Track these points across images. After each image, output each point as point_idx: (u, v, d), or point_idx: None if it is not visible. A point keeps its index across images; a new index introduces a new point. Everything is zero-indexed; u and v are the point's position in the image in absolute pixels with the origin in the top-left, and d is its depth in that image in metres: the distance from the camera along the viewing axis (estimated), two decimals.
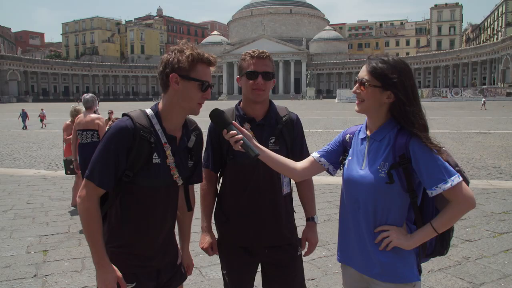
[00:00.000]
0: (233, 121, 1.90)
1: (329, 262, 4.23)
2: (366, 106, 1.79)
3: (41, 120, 25.53)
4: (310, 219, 2.33)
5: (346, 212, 1.90)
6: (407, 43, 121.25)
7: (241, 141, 1.83)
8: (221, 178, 2.31)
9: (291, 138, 2.24)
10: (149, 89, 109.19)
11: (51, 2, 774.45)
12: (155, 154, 1.82)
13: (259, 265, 2.32)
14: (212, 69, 1.88)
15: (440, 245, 1.81)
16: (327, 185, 7.71)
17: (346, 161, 1.91)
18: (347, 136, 1.97)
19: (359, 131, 1.92)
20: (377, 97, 1.75)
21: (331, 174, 2.02)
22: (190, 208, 2.09)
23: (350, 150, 1.92)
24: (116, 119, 5.75)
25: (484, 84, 77.65)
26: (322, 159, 1.99)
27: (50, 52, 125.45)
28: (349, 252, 1.90)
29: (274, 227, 2.20)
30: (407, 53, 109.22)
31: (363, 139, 1.86)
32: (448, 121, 25.59)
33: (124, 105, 55.21)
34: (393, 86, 1.71)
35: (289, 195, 2.31)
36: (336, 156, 1.99)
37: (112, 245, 1.85)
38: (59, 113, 39.71)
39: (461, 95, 63.95)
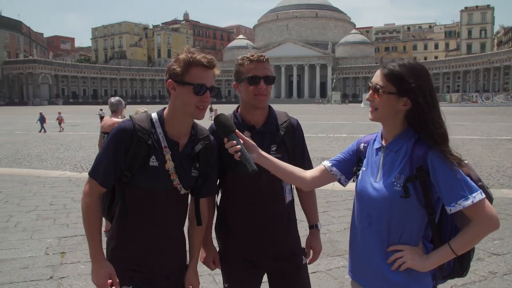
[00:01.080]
0: (236, 130, 1.82)
1: (347, 273, 4.07)
2: (381, 115, 1.67)
3: (59, 123, 26.02)
4: (314, 226, 2.26)
5: (356, 227, 1.78)
6: (436, 46, 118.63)
7: (239, 152, 1.74)
8: (219, 189, 2.21)
9: (292, 144, 2.16)
10: None
11: (81, 8, 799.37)
12: (153, 157, 1.83)
13: (264, 276, 2.24)
14: (216, 71, 1.84)
15: (459, 266, 1.67)
16: (349, 191, 7.51)
17: (360, 172, 1.79)
18: (362, 145, 1.85)
19: (374, 140, 1.80)
20: (392, 105, 1.62)
21: (343, 185, 1.90)
22: (200, 222, 2.02)
23: (365, 161, 1.80)
24: None
25: None
26: (334, 169, 1.88)
27: (80, 56, 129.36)
28: (359, 270, 1.78)
29: (277, 237, 2.12)
30: (436, 57, 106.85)
31: (378, 149, 1.74)
32: (478, 127, 24.75)
33: (150, 108, 55.97)
34: (410, 92, 1.58)
35: (292, 202, 2.23)
36: (349, 166, 1.87)
37: (112, 245, 1.91)
38: (88, 116, 40.75)
39: (492, 100, 61.94)
